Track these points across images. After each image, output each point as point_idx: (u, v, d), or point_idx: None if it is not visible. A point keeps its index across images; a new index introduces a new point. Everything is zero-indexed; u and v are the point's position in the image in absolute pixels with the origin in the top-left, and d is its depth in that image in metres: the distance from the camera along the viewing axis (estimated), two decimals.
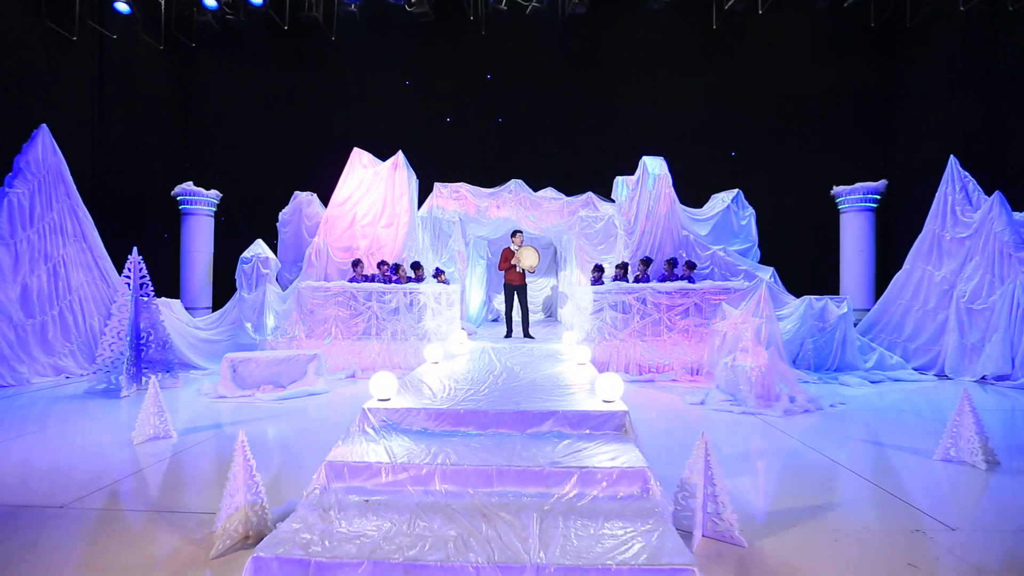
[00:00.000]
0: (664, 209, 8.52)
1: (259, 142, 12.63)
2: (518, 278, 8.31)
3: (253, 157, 12.59)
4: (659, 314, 7.54)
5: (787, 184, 11.65)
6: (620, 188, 8.94)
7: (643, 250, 8.59)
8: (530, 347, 7.03)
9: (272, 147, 12.64)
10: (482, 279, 12.11)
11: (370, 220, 8.74)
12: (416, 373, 4.90)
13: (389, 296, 7.78)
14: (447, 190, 10.52)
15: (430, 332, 7.78)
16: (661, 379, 7.39)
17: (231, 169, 12.46)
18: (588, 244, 10.06)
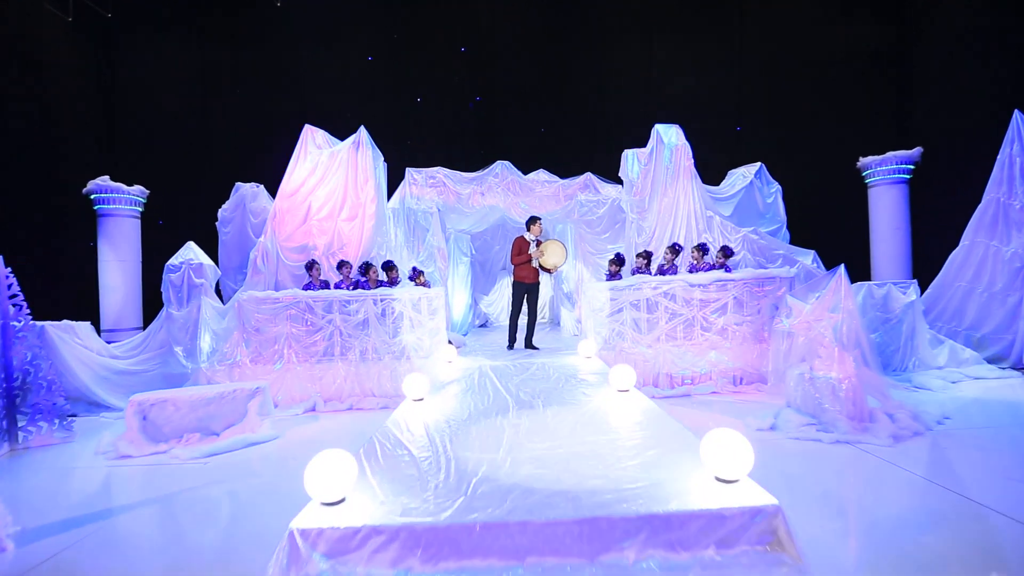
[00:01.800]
0: (684, 187, 7.13)
1: (197, 130, 10.79)
2: (532, 275, 6.82)
3: (191, 148, 10.75)
4: (691, 312, 6.14)
5: (801, 158, 10.43)
6: (630, 163, 7.52)
7: (660, 236, 7.18)
8: (540, 364, 5.53)
9: (213, 136, 10.82)
10: (466, 279, 10.56)
11: (328, 212, 7.11)
12: (390, 427, 3.33)
13: (355, 305, 6.18)
14: (421, 176, 8.95)
15: (409, 348, 6.21)
16: (699, 392, 6.00)
17: (166, 163, 10.60)
18: (590, 232, 8.63)
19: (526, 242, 6.84)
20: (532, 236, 6.85)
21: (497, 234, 10.93)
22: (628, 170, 7.47)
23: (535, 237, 6.86)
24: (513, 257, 6.87)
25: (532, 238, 6.84)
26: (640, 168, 7.38)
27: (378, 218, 7.27)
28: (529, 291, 6.87)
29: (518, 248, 6.85)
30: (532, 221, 6.90)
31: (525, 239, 6.86)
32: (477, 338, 8.99)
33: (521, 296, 6.89)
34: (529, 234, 6.87)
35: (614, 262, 6.61)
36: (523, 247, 6.81)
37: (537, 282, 6.88)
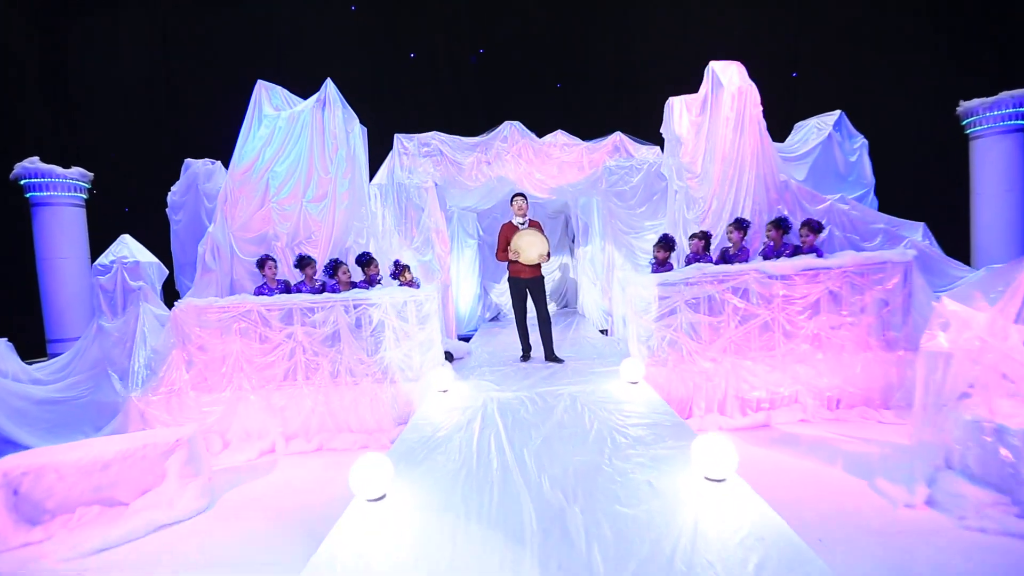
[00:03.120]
0: (752, 142, 5.41)
1: (155, 104, 9.29)
2: (528, 269, 5.25)
3: (148, 121, 9.27)
4: (770, 312, 4.53)
5: (872, 108, 8.50)
6: (677, 115, 5.79)
7: (718, 209, 5.52)
8: (568, 399, 3.97)
9: (176, 107, 9.32)
10: (473, 265, 9.02)
11: (291, 192, 5.59)
12: None
13: (321, 314, 4.71)
14: (414, 144, 7.35)
15: (394, 368, 4.75)
16: (782, 420, 4.44)
17: (120, 140, 9.17)
18: (622, 206, 6.98)
19: (513, 228, 5.29)
20: (519, 220, 5.29)
21: (508, 210, 9.29)
22: (674, 124, 5.75)
23: (522, 220, 5.30)
24: (498, 253, 5.33)
25: (520, 221, 5.29)
26: (690, 121, 5.66)
27: (354, 197, 5.73)
28: (531, 288, 5.34)
29: (503, 239, 5.29)
30: (513, 199, 5.36)
31: (512, 225, 5.30)
32: (486, 339, 7.50)
33: (521, 296, 5.37)
34: (515, 218, 5.31)
35: (661, 246, 4.98)
36: (509, 236, 5.26)
37: (538, 276, 5.33)
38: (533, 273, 5.27)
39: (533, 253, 5.14)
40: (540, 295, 5.34)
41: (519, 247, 5.14)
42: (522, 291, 5.33)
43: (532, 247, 5.14)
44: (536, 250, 5.14)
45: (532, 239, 5.14)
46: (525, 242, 5.15)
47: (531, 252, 5.14)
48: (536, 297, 5.34)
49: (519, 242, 5.14)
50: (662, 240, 4.97)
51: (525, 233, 5.16)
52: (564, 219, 10.78)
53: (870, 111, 7.75)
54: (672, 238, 4.97)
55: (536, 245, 5.14)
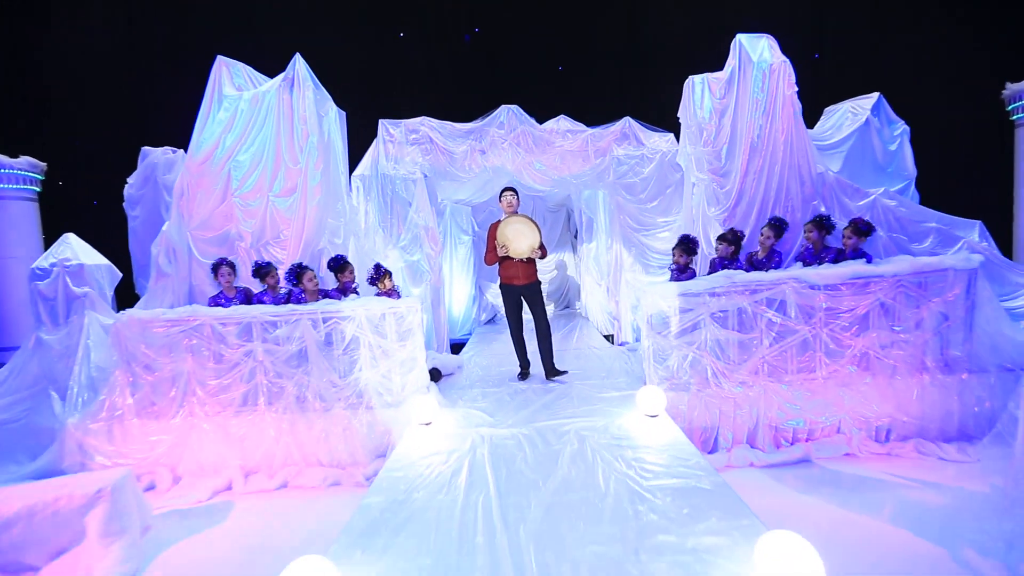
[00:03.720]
0: (784, 128, 4.70)
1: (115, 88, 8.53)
2: (522, 273, 4.57)
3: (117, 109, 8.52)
4: (810, 328, 3.86)
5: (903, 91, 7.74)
6: (698, 96, 5.05)
7: (747, 205, 4.82)
8: (575, 439, 3.28)
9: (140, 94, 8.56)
10: (467, 264, 8.33)
11: (255, 185, 4.89)
12: None
13: (285, 329, 4.03)
14: (400, 131, 6.61)
15: (370, 391, 4.07)
16: (823, 454, 3.79)
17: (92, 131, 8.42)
18: (631, 200, 6.28)
19: (496, 228, 4.60)
20: (506, 216, 4.59)
21: None
22: (694, 106, 5.02)
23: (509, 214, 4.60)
24: (486, 255, 4.63)
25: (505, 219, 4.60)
26: (713, 103, 4.93)
27: (329, 191, 5.02)
28: (526, 296, 4.64)
29: (491, 241, 4.59)
30: (502, 194, 4.66)
31: (500, 223, 4.60)
32: (481, 347, 6.83)
33: (515, 305, 4.67)
34: (505, 216, 4.60)
35: (682, 249, 4.27)
36: (493, 237, 4.57)
37: (534, 281, 4.64)
38: (528, 278, 4.57)
39: (523, 244, 4.44)
40: (537, 303, 4.65)
41: (506, 238, 4.44)
42: (516, 299, 4.65)
43: (521, 236, 4.44)
44: (526, 240, 4.45)
45: (520, 227, 4.44)
46: (512, 231, 4.45)
47: (520, 243, 4.44)
48: (533, 305, 4.65)
49: (505, 232, 4.44)
50: (683, 242, 4.27)
51: (512, 220, 4.46)
52: (566, 213, 10.06)
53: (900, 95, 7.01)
54: (695, 240, 4.27)
55: (525, 235, 4.44)
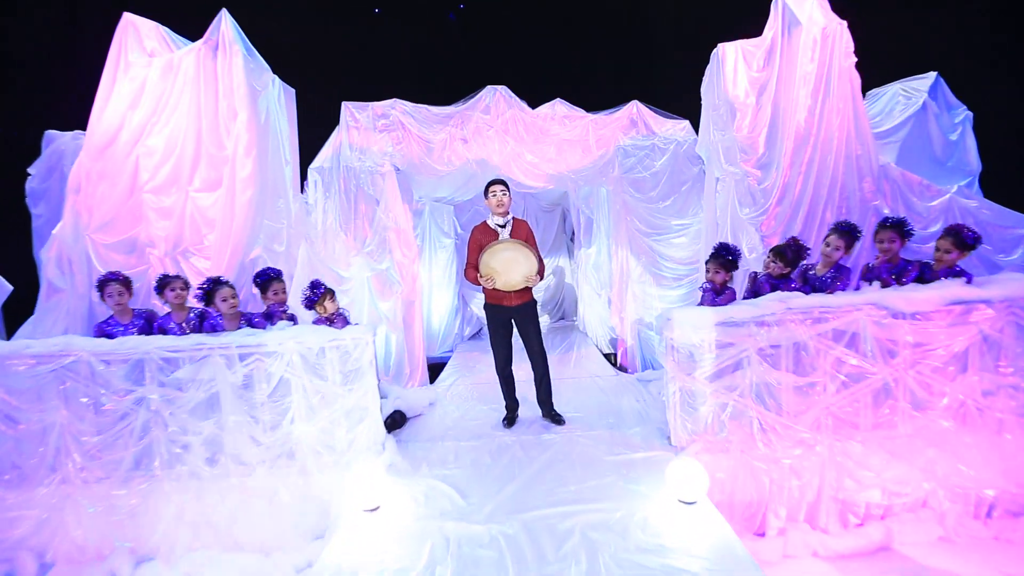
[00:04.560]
0: (841, 109, 3.73)
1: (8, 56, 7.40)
2: (510, 294, 3.52)
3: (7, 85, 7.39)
4: (891, 370, 2.89)
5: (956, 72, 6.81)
6: (730, 69, 4.03)
7: (792, 206, 3.84)
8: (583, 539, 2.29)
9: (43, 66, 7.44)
10: (448, 271, 7.33)
11: (170, 177, 3.84)
12: None
13: (190, 368, 3.00)
14: (367, 115, 5.59)
15: (304, 450, 3.06)
16: (909, 539, 2.85)
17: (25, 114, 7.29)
18: (640, 198, 5.32)
19: (489, 234, 3.52)
20: (497, 220, 3.52)
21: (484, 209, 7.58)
22: (724, 81, 4.02)
23: (502, 221, 3.52)
24: (467, 269, 3.58)
25: (499, 223, 3.52)
26: (749, 78, 3.95)
27: (265, 185, 3.99)
28: (518, 319, 3.63)
29: (473, 249, 3.52)
30: (489, 187, 3.53)
31: (487, 228, 3.54)
32: (463, 371, 5.82)
33: (503, 329, 3.64)
34: (493, 218, 3.54)
35: (719, 263, 3.24)
36: (482, 244, 3.47)
37: (529, 301, 3.60)
38: (521, 297, 3.55)
39: (516, 276, 3.40)
40: (532, 329, 3.65)
41: (492, 269, 3.37)
42: (504, 322, 3.64)
43: (513, 267, 3.38)
44: (520, 271, 3.39)
45: (512, 255, 3.36)
46: (501, 261, 3.36)
47: (512, 275, 3.40)
48: (526, 332, 3.65)
49: (492, 262, 3.37)
50: (720, 254, 3.26)
51: (501, 247, 3.36)
52: (561, 213, 9.06)
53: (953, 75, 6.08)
54: (736, 251, 3.27)
55: (519, 263, 3.37)
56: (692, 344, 3.02)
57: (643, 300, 5.31)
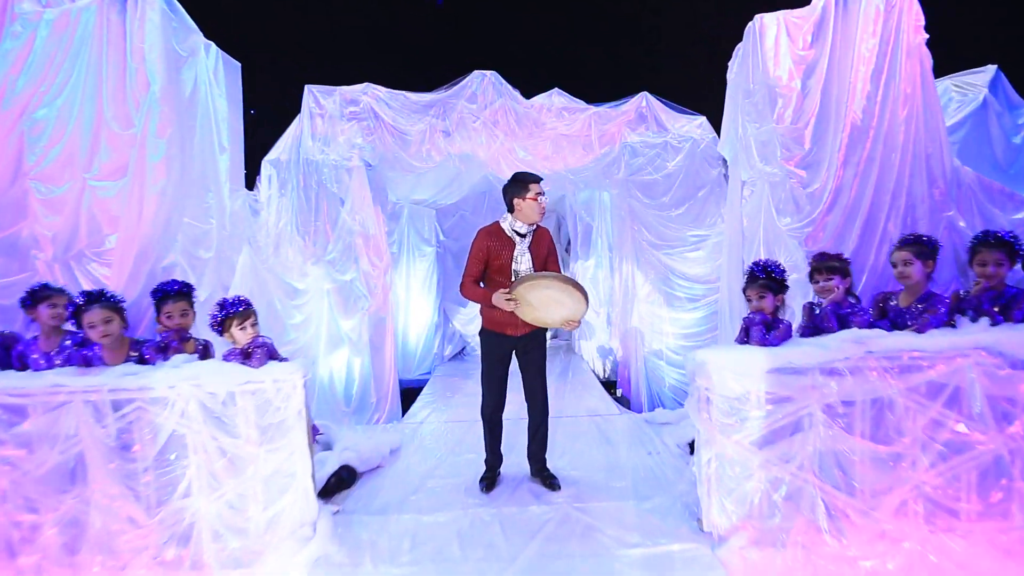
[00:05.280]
0: (907, 95, 3.00)
1: None
2: (516, 321, 2.68)
3: None
4: (1003, 439, 2.12)
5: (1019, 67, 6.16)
6: (770, 46, 3.28)
7: (841, 212, 3.09)
8: None
9: None
10: (428, 283, 6.52)
11: (61, 159, 3.01)
12: None
13: (40, 421, 2.15)
14: (334, 101, 4.82)
15: (203, 536, 2.21)
16: None
17: None
18: (650, 205, 4.58)
19: (500, 243, 2.74)
20: (518, 225, 2.72)
21: (481, 206, 6.81)
22: (762, 60, 3.26)
23: (524, 225, 2.72)
24: (464, 282, 2.77)
25: (517, 229, 2.72)
26: (793, 57, 3.20)
27: (185, 173, 3.16)
28: (521, 352, 2.84)
29: (477, 259, 2.74)
30: (521, 185, 2.70)
31: (501, 233, 2.74)
32: (439, 403, 5.01)
33: (500, 365, 2.84)
34: (510, 219, 2.73)
35: (762, 285, 2.37)
36: (487, 252, 2.73)
37: (535, 332, 2.80)
38: (529, 324, 2.72)
39: (554, 316, 2.58)
40: (536, 362, 2.85)
41: (527, 300, 2.53)
42: (504, 356, 2.83)
43: (554, 308, 2.54)
44: (560, 313, 2.56)
45: (557, 294, 2.49)
46: (541, 298, 2.51)
47: (551, 314, 2.57)
48: (529, 365, 2.85)
49: (529, 295, 2.52)
50: (763, 273, 2.43)
51: (545, 283, 2.47)
52: (555, 220, 8.30)
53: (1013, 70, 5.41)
54: (779, 268, 2.47)
55: (563, 305, 2.52)
56: (735, 397, 2.23)
57: (651, 323, 4.54)
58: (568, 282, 2.48)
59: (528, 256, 2.75)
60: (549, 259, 2.84)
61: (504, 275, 2.73)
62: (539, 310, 2.57)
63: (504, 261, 2.73)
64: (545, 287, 2.48)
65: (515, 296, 2.51)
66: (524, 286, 2.49)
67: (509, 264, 2.74)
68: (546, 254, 2.82)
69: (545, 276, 2.50)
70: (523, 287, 2.50)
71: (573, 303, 2.51)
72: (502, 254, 2.73)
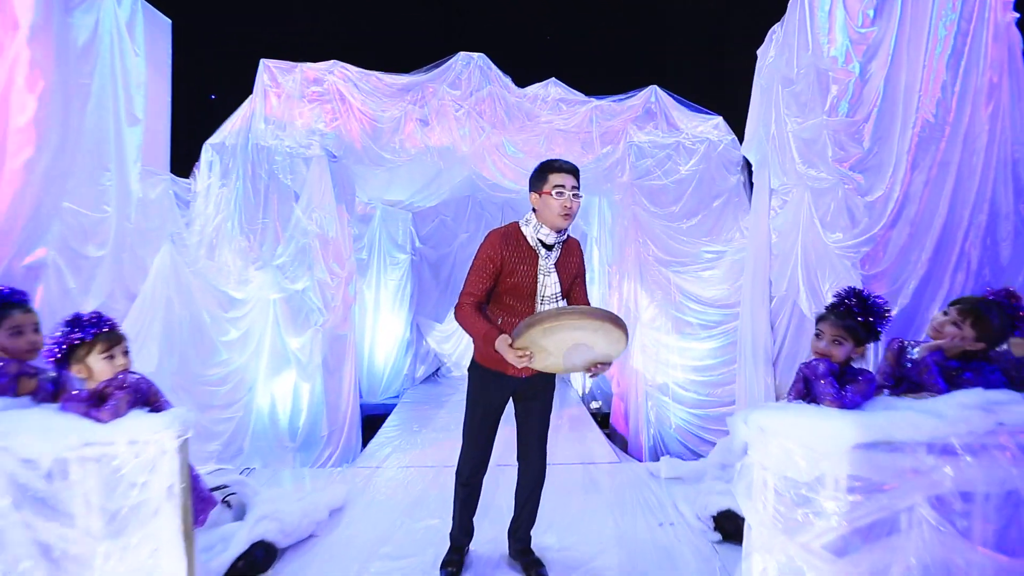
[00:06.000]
0: (991, 86, 2.41)
1: None
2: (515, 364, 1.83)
3: None
4: None
5: None
6: (822, 19, 2.69)
7: (907, 226, 2.47)
8: None
9: None
10: (400, 295, 5.80)
11: None
12: None
13: None
14: (293, 78, 4.13)
15: None
16: None
17: None
18: (658, 215, 3.96)
19: (517, 255, 1.96)
20: (544, 233, 1.94)
21: (464, 211, 6.11)
22: (812, 37, 2.67)
23: (552, 233, 1.94)
24: (461, 300, 2.00)
25: (543, 238, 1.95)
26: (851, 34, 2.60)
27: (72, 144, 2.42)
28: (520, 395, 2.13)
29: (482, 271, 1.99)
30: (540, 174, 1.96)
31: (521, 240, 1.97)
32: (405, 437, 4.29)
33: (492, 413, 2.11)
34: (534, 223, 1.96)
35: (846, 323, 1.71)
36: (501, 264, 1.95)
37: (542, 376, 2.06)
38: (525, 372, 2.00)
39: (579, 360, 1.82)
40: (539, 414, 2.15)
41: (542, 346, 1.76)
42: (500, 402, 2.12)
43: (579, 352, 1.78)
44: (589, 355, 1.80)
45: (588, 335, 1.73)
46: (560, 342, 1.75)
47: (573, 360, 1.81)
48: (529, 414, 2.15)
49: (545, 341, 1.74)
50: (862, 310, 1.69)
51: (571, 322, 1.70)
52: None
53: None
54: (879, 304, 1.79)
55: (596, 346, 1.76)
56: (805, 482, 1.56)
57: (656, 352, 3.87)
58: (603, 318, 1.71)
59: (555, 276, 1.98)
60: (575, 284, 2.09)
61: (522, 298, 1.97)
62: (557, 356, 1.80)
63: (521, 279, 1.96)
64: (572, 327, 1.70)
65: (525, 345, 1.76)
66: (538, 330, 1.70)
67: (530, 284, 1.96)
68: (573, 276, 2.07)
69: (571, 313, 1.72)
70: (536, 331, 1.71)
71: (608, 343, 1.75)
72: (519, 270, 1.96)
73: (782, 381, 3.14)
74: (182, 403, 3.26)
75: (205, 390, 3.43)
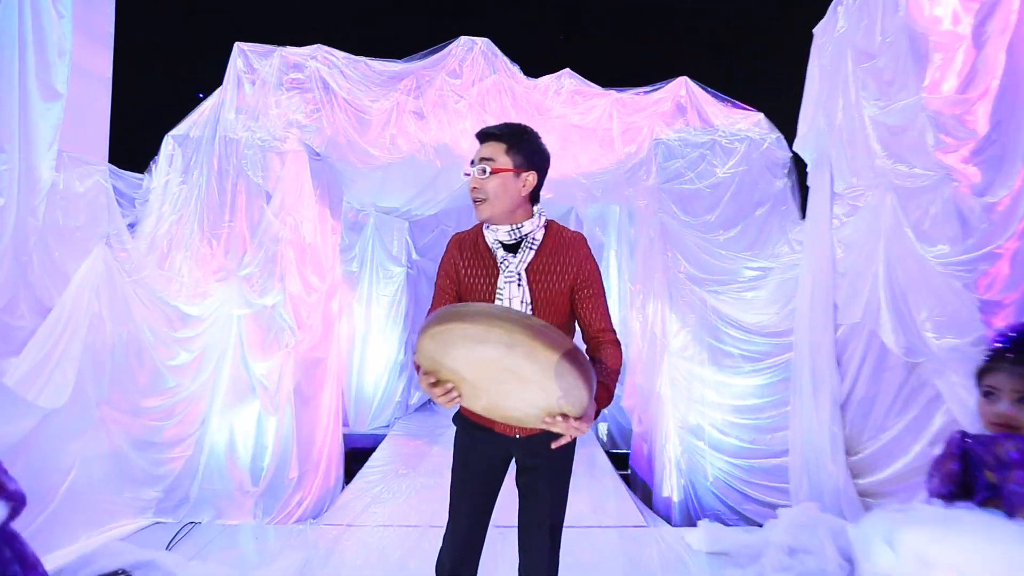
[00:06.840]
0: None
1: None
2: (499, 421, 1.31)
3: None
4: None
5: None
6: None
7: None
8: None
9: None
10: (393, 312, 5.22)
11: None
12: None
13: None
14: (271, 64, 3.62)
15: None
16: None
17: None
18: (691, 224, 3.34)
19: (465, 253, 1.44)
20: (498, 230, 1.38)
21: (467, 220, 5.59)
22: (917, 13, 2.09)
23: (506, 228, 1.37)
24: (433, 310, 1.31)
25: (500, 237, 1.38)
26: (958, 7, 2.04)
27: None
28: (523, 463, 1.50)
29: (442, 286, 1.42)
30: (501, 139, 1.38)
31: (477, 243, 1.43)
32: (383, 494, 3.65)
33: (478, 482, 1.51)
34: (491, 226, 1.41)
35: None
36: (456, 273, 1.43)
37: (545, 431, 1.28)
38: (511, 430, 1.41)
39: (519, 402, 1.15)
40: (545, 493, 1.47)
41: (453, 374, 1.14)
42: (489, 469, 1.51)
43: (511, 383, 1.09)
44: (531, 395, 1.10)
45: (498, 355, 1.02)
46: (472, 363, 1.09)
47: (511, 399, 1.15)
48: (532, 495, 1.48)
49: (448, 360, 1.11)
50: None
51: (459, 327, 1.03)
52: None
53: None
54: None
55: (529, 380, 1.06)
56: None
57: (688, 387, 3.24)
58: (515, 323, 1.00)
59: (524, 288, 1.38)
60: (581, 299, 1.42)
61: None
62: (487, 391, 1.17)
63: (477, 287, 1.41)
64: (466, 336, 1.03)
65: (427, 367, 1.16)
66: (425, 338, 1.08)
67: (489, 297, 1.39)
68: (570, 285, 1.41)
69: (465, 313, 1.04)
70: (424, 340, 1.09)
71: (540, 373, 1.04)
72: (477, 279, 1.41)
73: (854, 432, 2.51)
74: (113, 440, 2.73)
75: (144, 424, 2.84)
